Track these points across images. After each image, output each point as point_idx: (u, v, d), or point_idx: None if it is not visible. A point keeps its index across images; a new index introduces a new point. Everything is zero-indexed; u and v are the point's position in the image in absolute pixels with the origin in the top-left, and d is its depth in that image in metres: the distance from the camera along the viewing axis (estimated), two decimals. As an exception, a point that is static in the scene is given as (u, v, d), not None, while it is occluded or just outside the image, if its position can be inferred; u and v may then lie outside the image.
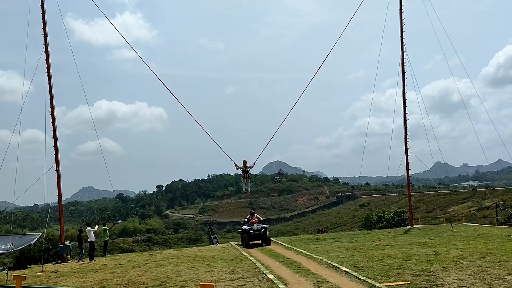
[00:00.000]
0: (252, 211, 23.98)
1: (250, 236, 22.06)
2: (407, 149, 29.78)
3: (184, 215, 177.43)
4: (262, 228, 22.13)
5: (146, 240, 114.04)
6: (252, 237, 22.08)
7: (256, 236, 22.11)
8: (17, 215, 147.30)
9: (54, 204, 26.79)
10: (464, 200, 74.99)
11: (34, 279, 15.67)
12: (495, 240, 18.63)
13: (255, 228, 22.04)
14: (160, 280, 13.24)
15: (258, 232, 22.05)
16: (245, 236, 22.40)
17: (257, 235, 22.08)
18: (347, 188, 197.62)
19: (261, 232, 22.08)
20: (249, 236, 22.06)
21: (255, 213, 23.77)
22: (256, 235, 22.07)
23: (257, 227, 22.04)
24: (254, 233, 22.01)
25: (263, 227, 22.19)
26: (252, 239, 22.11)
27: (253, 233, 21.99)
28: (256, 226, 22.09)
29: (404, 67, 29.78)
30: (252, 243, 22.26)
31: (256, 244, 22.20)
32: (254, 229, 22.00)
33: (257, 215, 23.63)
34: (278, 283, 11.54)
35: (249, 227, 22.23)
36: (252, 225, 22.27)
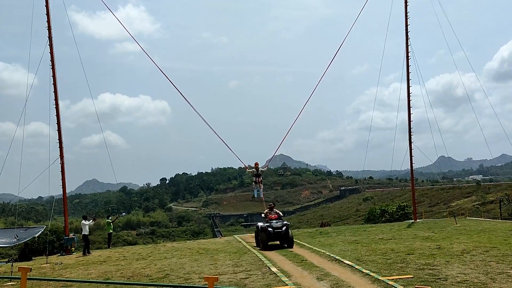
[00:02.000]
0: (272, 204, 19.74)
1: (268, 235, 17.81)
2: (411, 143, 29.72)
3: (188, 208, 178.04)
4: (284, 226, 17.87)
5: (149, 232, 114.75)
6: (271, 237, 17.87)
7: (276, 236, 17.91)
8: (21, 207, 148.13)
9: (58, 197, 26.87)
10: (467, 195, 74.95)
11: (39, 271, 15.78)
12: (498, 234, 18.61)
13: (274, 226, 17.80)
14: (164, 273, 13.31)
15: (279, 231, 17.80)
16: (261, 236, 18.12)
17: (277, 234, 17.87)
18: (351, 182, 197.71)
19: (282, 231, 17.79)
20: (268, 235, 17.81)
21: (274, 208, 19.65)
22: (276, 235, 17.89)
23: (277, 224, 17.87)
24: (274, 231, 17.79)
25: (284, 224, 17.97)
26: (271, 239, 17.92)
27: (272, 231, 17.75)
28: (276, 223, 17.92)
29: (409, 61, 29.64)
30: (271, 244, 18.14)
31: (274, 245, 18.15)
32: (274, 227, 17.77)
33: (277, 210, 19.45)
34: (281, 276, 11.58)
35: (267, 224, 18.08)
36: (271, 222, 18.10)
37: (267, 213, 18.99)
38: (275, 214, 18.95)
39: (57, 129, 24.69)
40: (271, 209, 19.34)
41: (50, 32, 24.33)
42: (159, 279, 12.32)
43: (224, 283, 11.00)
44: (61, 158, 24.47)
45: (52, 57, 24.33)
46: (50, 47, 24.29)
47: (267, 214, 18.89)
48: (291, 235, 18.12)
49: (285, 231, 17.87)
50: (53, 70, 24.40)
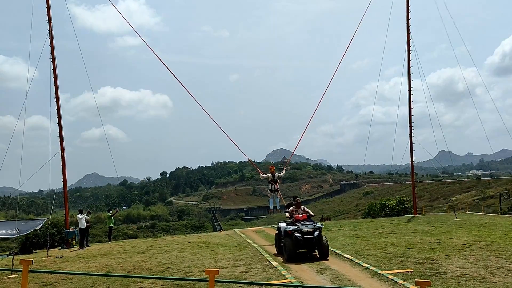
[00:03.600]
0: (298, 199, 15.24)
1: (296, 242, 13.10)
2: (411, 138, 29.68)
3: (188, 202, 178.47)
4: (316, 230, 13.24)
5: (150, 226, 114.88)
6: (299, 244, 13.17)
7: (305, 243, 13.19)
8: (22, 200, 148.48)
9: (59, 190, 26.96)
10: (468, 189, 74.94)
11: (40, 264, 15.84)
12: (498, 229, 18.63)
13: (304, 230, 13.20)
14: (165, 266, 13.36)
15: (309, 237, 13.16)
16: (287, 243, 13.36)
17: (308, 241, 13.17)
18: (351, 176, 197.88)
19: (314, 237, 13.14)
20: (295, 242, 13.10)
21: (302, 205, 15.06)
22: (306, 242, 13.17)
23: (307, 228, 13.27)
24: (303, 237, 13.14)
25: (316, 228, 13.31)
26: (300, 246, 13.23)
27: (300, 237, 13.10)
28: (305, 226, 13.38)
29: (410, 55, 29.55)
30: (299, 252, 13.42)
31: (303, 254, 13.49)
32: (303, 231, 13.18)
33: (305, 207, 15.03)
34: (281, 270, 11.61)
35: (295, 227, 13.38)
36: (298, 224, 13.52)
37: (293, 212, 14.52)
38: (304, 213, 14.43)
39: (57, 122, 24.69)
40: (297, 205, 14.73)
41: (50, 25, 24.26)
42: (160, 272, 12.36)
43: (224, 276, 11.03)
44: (61, 151, 24.48)
45: (52, 50, 24.28)
46: (50, 40, 24.23)
47: (293, 213, 14.43)
48: (325, 241, 13.24)
49: (317, 236, 13.11)
50: (53, 63, 24.35)
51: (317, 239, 13.22)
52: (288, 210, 15.04)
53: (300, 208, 14.71)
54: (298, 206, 14.79)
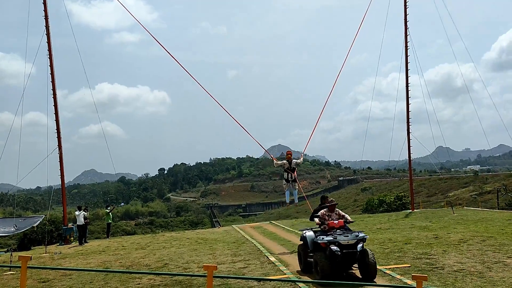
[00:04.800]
0: (332, 201, 11.17)
1: (332, 258, 9.63)
2: (409, 133, 29.73)
3: (186, 198, 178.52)
4: (359, 241, 9.83)
5: (148, 222, 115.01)
6: (337, 261, 9.63)
7: (346, 259, 9.74)
8: (20, 197, 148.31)
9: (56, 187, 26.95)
10: (465, 185, 75.14)
11: (38, 260, 15.84)
12: (495, 224, 18.70)
13: (343, 242, 9.78)
14: (163, 262, 13.38)
15: (351, 251, 9.71)
16: (319, 259, 9.77)
17: (349, 256, 9.73)
18: (349, 172, 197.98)
19: (357, 251, 9.69)
20: (331, 258, 9.64)
21: (337, 208, 11.10)
22: (347, 257, 9.72)
23: (348, 239, 9.84)
24: (342, 252, 9.66)
25: (359, 238, 9.90)
26: (338, 264, 9.69)
27: (339, 252, 9.62)
28: (344, 236, 9.91)
29: (408, 51, 29.55)
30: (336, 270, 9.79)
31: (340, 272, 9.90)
32: (342, 244, 9.75)
33: (340, 211, 11.14)
34: (279, 265, 11.65)
35: (330, 238, 9.92)
36: (335, 234, 10.01)
37: (324, 216, 10.80)
38: (339, 218, 10.78)
39: (55, 119, 24.64)
40: (330, 208, 10.92)
41: (47, 21, 24.17)
42: (158, 268, 12.38)
43: (222, 272, 11.06)
44: (59, 148, 24.43)
45: (49, 47, 24.20)
46: (47, 37, 24.15)
47: (325, 218, 10.74)
48: (371, 257, 9.58)
49: (361, 251, 9.62)
50: (50, 60, 24.28)
51: (361, 254, 9.56)
52: (318, 214, 11.12)
53: (334, 211, 10.84)
54: (332, 209, 10.86)
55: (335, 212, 10.94)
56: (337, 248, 9.65)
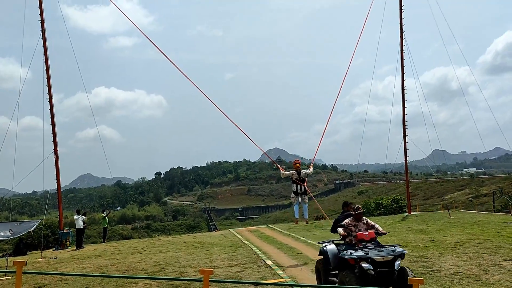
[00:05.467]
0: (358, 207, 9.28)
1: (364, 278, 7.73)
2: (405, 136, 29.81)
3: (183, 202, 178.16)
4: (396, 258, 7.81)
5: (145, 227, 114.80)
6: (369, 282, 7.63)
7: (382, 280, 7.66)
8: (15, 202, 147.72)
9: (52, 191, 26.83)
10: (461, 188, 75.40)
11: (34, 265, 15.76)
12: (491, 227, 18.75)
13: (377, 258, 7.74)
14: (160, 266, 13.34)
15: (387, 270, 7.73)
16: (348, 279, 7.81)
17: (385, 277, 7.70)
18: (345, 175, 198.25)
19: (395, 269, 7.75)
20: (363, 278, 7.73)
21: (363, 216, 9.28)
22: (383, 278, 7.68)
23: (383, 254, 7.81)
24: (377, 271, 7.67)
25: (396, 253, 7.84)
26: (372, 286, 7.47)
27: (373, 271, 7.64)
28: (378, 251, 7.91)
29: (403, 54, 29.66)
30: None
31: None
32: (377, 260, 7.71)
33: (368, 219, 9.40)
34: (276, 269, 11.64)
35: (361, 253, 7.91)
36: (366, 249, 8.07)
37: (350, 226, 9.01)
38: (368, 227, 8.96)
39: (51, 123, 24.56)
40: (357, 217, 9.08)
41: (43, 25, 24.12)
42: (155, 273, 12.34)
43: (219, 276, 11.04)
44: (55, 152, 24.35)
45: (45, 50, 24.14)
46: (43, 40, 24.10)
47: (350, 228, 8.97)
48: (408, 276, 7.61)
49: (400, 269, 7.82)
50: (46, 64, 24.22)
51: (400, 273, 7.71)
52: (343, 223, 9.13)
53: (361, 220, 9.05)
54: (359, 217, 9.02)
55: (363, 221, 9.07)
56: (369, 266, 7.64)
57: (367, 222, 9.17)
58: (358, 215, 9.10)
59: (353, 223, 9.07)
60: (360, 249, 8.06)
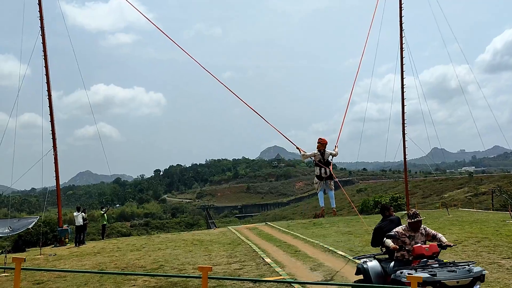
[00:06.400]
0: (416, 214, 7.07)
1: None
2: (404, 135, 29.82)
3: (182, 199, 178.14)
4: (475, 280, 5.77)
5: (144, 224, 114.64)
6: None
7: None
8: (14, 199, 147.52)
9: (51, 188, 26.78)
10: (460, 186, 75.49)
11: (32, 262, 15.76)
12: (490, 225, 18.78)
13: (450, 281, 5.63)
14: (158, 264, 13.34)
15: None
16: None
17: None
18: (344, 174, 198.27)
19: None
20: None
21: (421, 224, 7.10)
22: None
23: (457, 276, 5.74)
24: None
25: (474, 276, 5.77)
26: None
27: None
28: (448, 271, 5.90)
29: (403, 53, 29.66)
30: None
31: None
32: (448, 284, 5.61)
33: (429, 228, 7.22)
34: (275, 267, 11.65)
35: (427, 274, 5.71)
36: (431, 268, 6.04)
37: (403, 237, 7.08)
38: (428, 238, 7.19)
39: (50, 120, 24.54)
40: (414, 226, 7.09)
41: (42, 22, 24.06)
42: (154, 270, 12.35)
43: (218, 273, 11.04)
44: (54, 149, 24.33)
45: (44, 48, 24.09)
46: (42, 38, 24.04)
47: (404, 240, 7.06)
48: None
49: None
50: (45, 61, 24.17)
51: None
52: (393, 233, 7.05)
53: (419, 230, 7.11)
54: (416, 226, 7.07)
55: (421, 231, 7.14)
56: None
57: (426, 231, 7.19)
58: (415, 224, 7.06)
59: (408, 233, 7.08)
60: (421, 268, 5.99)
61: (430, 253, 6.55)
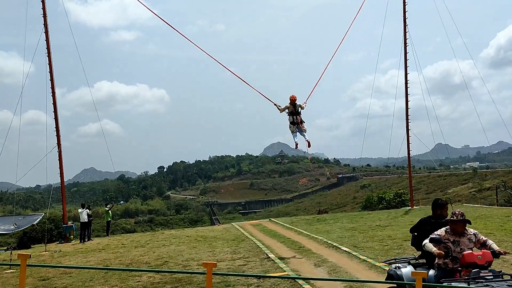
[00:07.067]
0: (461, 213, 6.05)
1: None
2: (408, 130, 29.77)
3: (186, 196, 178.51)
4: None
5: (148, 221, 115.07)
6: None
7: None
8: (19, 196, 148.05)
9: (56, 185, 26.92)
10: (464, 181, 75.22)
11: (37, 259, 15.84)
12: (494, 220, 18.74)
13: None
14: (163, 260, 13.39)
15: None
16: None
17: None
18: (348, 170, 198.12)
19: None
20: None
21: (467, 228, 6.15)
22: None
23: None
24: None
25: None
26: None
27: None
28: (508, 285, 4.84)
29: (406, 48, 29.56)
30: None
31: None
32: None
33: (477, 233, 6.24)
34: (279, 263, 11.66)
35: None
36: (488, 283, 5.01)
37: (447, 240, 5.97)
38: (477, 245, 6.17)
39: (54, 117, 24.63)
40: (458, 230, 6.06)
41: (46, 20, 24.10)
42: (158, 266, 12.39)
43: (222, 269, 11.06)
44: (58, 146, 24.42)
45: (48, 45, 24.15)
46: (45, 35, 24.10)
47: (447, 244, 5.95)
48: None
49: None
50: (49, 58, 24.24)
51: None
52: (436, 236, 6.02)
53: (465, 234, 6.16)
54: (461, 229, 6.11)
55: (467, 235, 6.11)
56: None
57: (476, 236, 6.15)
58: (460, 226, 6.01)
59: (452, 237, 5.97)
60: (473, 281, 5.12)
61: (483, 261, 5.53)
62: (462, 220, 5.94)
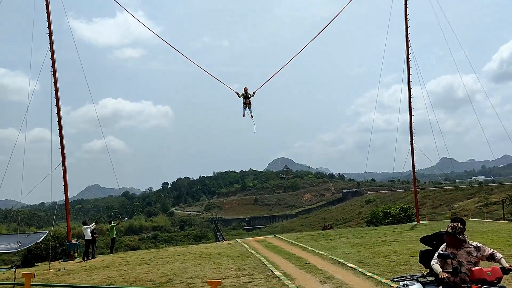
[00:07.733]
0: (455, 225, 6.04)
1: None
2: (412, 145, 29.68)
3: (190, 212, 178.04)
4: None
5: (152, 237, 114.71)
6: None
7: None
8: (24, 213, 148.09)
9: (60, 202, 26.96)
10: (470, 196, 74.69)
11: (41, 277, 15.77)
12: (501, 235, 18.56)
13: None
14: (167, 277, 13.30)
15: None
16: None
17: None
18: (353, 184, 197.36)
19: None
20: None
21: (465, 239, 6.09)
22: None
23: None
24: None
25: None
26: None
27: None
28: None
29: (409, 62, 29.64)
30: None
31: None
32: None
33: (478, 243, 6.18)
34: (284, 280, 11.56)
35: None
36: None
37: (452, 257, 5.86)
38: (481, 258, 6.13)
39: (58, 134, 24.74)
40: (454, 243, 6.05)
41: (51, 38, 24.40)
42: (162, 284, 12.31)
43: (227, 287, 10.99)
44: (63, 163, 24.48)
45: (53, 63, 24.39)
46: (51, 53, 24.35)
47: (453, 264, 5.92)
48: None
49: None
50: (54, 76, 24.45)
51: None
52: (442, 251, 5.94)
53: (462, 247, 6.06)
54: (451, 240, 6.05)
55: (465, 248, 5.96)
56: None
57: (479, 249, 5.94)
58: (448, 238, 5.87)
59: (449, 250, 5.85)
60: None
61: (493, 278, 5.38)
62: (450, 233, 5.80)
